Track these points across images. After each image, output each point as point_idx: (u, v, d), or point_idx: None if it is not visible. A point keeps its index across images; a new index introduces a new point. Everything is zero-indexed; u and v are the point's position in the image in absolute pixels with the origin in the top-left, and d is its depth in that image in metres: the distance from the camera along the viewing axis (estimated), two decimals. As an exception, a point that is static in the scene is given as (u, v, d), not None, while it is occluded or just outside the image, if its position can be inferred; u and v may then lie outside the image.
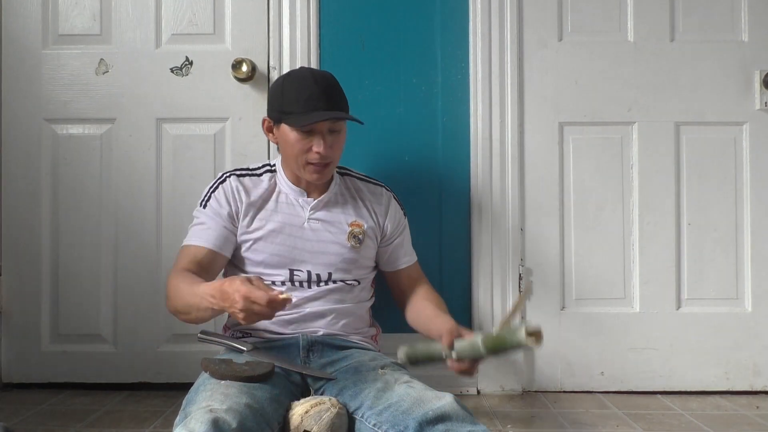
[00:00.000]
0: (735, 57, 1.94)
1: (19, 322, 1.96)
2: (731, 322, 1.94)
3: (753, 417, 1.72)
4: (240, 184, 1.49)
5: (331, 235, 1.48)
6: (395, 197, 1.62)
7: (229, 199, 1.47)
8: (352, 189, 1.56)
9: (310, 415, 1.17)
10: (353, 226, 1.50)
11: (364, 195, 1.56)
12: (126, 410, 1.76)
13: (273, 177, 1.53)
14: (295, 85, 1.44)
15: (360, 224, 1.51)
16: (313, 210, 1.49)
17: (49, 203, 1.95)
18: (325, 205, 1.51)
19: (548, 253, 1.95)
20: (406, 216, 1.63)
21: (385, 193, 1.59)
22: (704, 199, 1.95)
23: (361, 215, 1.53)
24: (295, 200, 1.50)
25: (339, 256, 1.48)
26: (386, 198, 1.58)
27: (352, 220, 1.51)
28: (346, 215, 1.51)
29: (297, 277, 1.46)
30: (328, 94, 1.43)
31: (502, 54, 1.93)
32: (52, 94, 1.95)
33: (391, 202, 1.59)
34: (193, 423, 1.02)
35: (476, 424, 1.10)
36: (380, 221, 1.55)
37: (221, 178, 1.51)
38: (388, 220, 1.56)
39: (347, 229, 1.49)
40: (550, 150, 1.95)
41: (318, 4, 1.93)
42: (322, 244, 1.47)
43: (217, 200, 1.48)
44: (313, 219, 1.49)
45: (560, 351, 1.94)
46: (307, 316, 1.45)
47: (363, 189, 1.57)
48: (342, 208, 1.52)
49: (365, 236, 1.51)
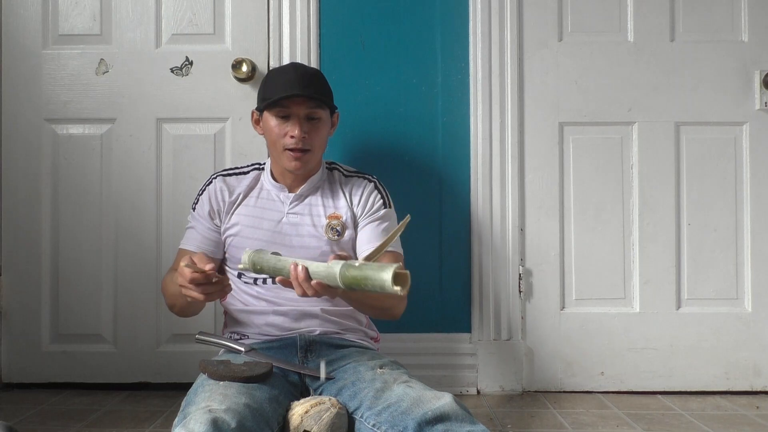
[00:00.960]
0: (735, 57, 1.94)
1: (19, 322, 1.96)
2: (731, 322, 1.94)
3: (753, 417, 1.72)
4: (224, 185, 1.53)
5: (310, 228, 1.48)
6: (379, 186, 1.55)
7: (212, 201, 1.52)
8: (336, 182, 1.55)
9: (310, 415, 1.17)
10: (331, 218, 1.50)
11: (346, 186, 1.55)
12: (126, 410, 1.76)
13: (259, 174, 1.55)
14: (275, 74, 1.51)
15: (338, 215, 1.50)
16: (293, 204, 1.50)
17: (49, 203, 1.96)
18: (304, 198, 1.51)
19: (548, 253, 1.95)
20: (387, 207, 1.54)
21: (368, 182, 1.55)
22: (704, 199, 1.95)
23: (339, 206, 1.51)
24: (276, 196, 1.51)
25: (317, 250, 1.47)
26: (365, 185, 1.54)
27: (330, 212, 1.50)
28: (325, 207, 1.51)
29: None
30: (305, 80, 1.46)
31: (502, 54, 1.93)
32: (52, 94, 1.96)
33: (369, 188, 1.54)
34: (192, 423, 1.02)
35: (476, 424, 1.10)
36: (356, 209, 1.52)
37: (208, 181, 1.56)
38: (359, 204, 1.52)
39: (324, 222, 1.49)
40: (550, 150, 1.95)
41: (318, 4, 1.93)
42: (300, 238, 1.48)
43: (202, 203, 1.53)
44: (291, 213, 1.49)
45: (560, 351, 1.94)
46: (298, 316, 1.44)
47: (346, 181, 1.56)
48: (321, 200, 1.52)
49: (344, 228, 1.50)
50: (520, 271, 1.93)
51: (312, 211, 1.50)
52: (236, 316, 1.50)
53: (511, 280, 1.93)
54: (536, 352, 1.94)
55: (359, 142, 1.93)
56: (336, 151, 1.88)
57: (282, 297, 1.44)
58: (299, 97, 1.43)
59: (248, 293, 1.47)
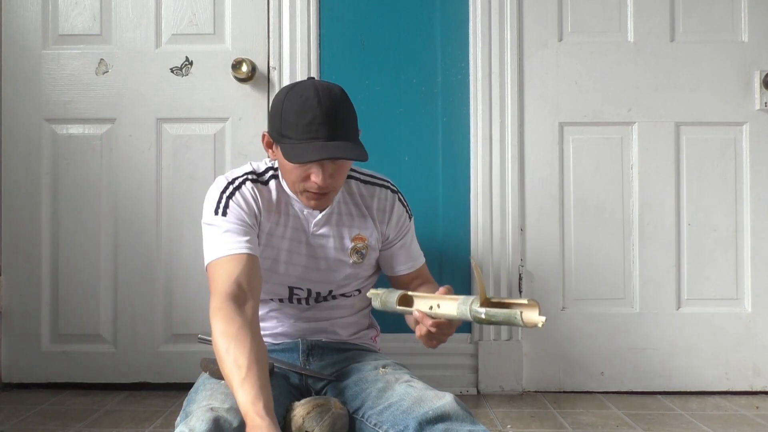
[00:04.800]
0: (735, 57, 1.94)
1: (19, 322, 1.96)
2: (731, 323, 1.94)
3: (753, 417, 1.72)
4: (257, 192, 1.33)
5: (334, 252, 1.38)
6: (401, 198, 1.48)
7: (251, 204, 1.31)
8: (357, 195, 1.42)
9: (311, 416, 1.16)
10: (356, 241, 1.40)
11: (369, 201, 1.42)
12: (126, 410, 1.76)
13: (277, 183, 1.37)
14: (295, 106, 1.24)
15: (363, 237, 1.40)
16: (317, 226, 1.37)
17: (49, 203, 1.96)
18: (329, 219, 1.38)
19: (548, 253, 1.95)
20: (411, 218, 1.50)
21: (390, 195, 1.45)
22: (704, 199, 1.95)
23: (365, 226, 1.41)
24: (300, 211, 1.36)
25: (341, 273, 1.40)
26: (390, 201, 1.44)
27: (355, 234, 1.40)
28: (350, 228, 1.39)
29: (296, 296, 1.40)
30: (331, 121, 1.22)
31: (502, 54, 1.93)
32: (52, 94, 1.95)
33: (396, 205, 1.45)
34: (194, 422, 1.02)
35: (476, 424, 1.10)
36: (383, 228, 1.44)
37: (235, 183, 1.33)
38: (389, 226, 1.43)
39: (350, 245, 1.39)
40: (550, 150, 1.95)
41: (318, 4, 1.93)
42: (324, 261, 1.38)
43: (239, 205, 1.30)
44: (317, 235, 1.38)
45: (560, 351, 1.94)
46: (306, 331, 1.42)
47: (367, 194, 1.43)
48: (346, 220, 1.39)
49: (368, 249, 1.41)
50: (520, 271, 1.93)
51: (336, 232, 1.38)
52: None
53: (511, 280, 1.93)
54: (536, 352, 1.94)
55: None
56: (336, 151, 1.88)
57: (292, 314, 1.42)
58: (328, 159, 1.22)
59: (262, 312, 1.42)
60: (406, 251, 1.48)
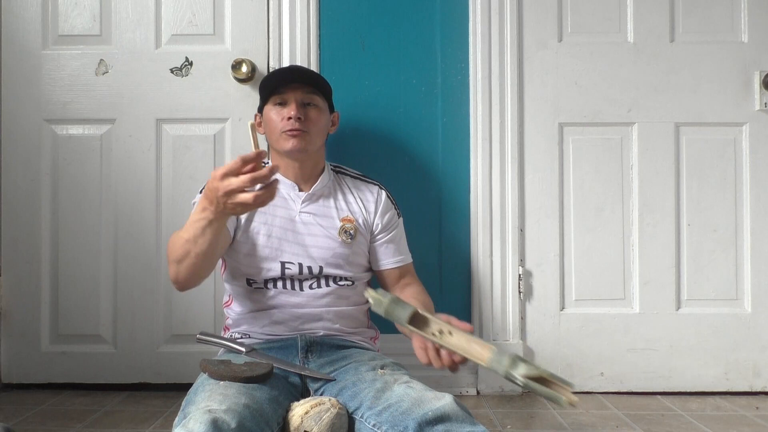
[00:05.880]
0: (735, 57, 1.94)
1: (19, 322, 1.96)
2: (731, 323, 1.94)
3: (753, 418, 1.72)
4: None
5: (323, 229, 1.48)
6: (389, 195, 1.60)
7: None
8: (345, 185, 1.57)
9: (310, 416, 1.16)
10: (344, 221, 1.50)
11: (356, 191, 1.57)
12: (126, 411, 1.76)
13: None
14: (273, 72, 1.58)
15: (351, 219, 1.51)
16: (305, 203, 1.50)
17: (49, 203, 1.96)
18: (317, 199, 1.51)
19: (548, 253, 1.95)
20: (400, 216, 1.61)
21: (378, 190, 1.59)
22: (704, 200, 1.95)
23: (353, 210, 1.53)
24: (287, 194, 1.50)
25: (330, 251, 1.47)
26: (377, 194, 1.58)
27: (343, 215, 1.51)
28: (338, 210, 1.52)
29: (288, 271, 1.45)
30: (299, 70, 1.58)
31: (502, 54, 1.93)
32: (51, 94, 1.96)
33: (383, 198, 1.58)
34: (192, 423, 1.02)
35: (476, 425, 1.10)
36: (370, 218, 1.55)
37: None
38: (377, 216, 1.55)
39: (338, 224, 1.50)
40: (550, 150, 1.95)
41: (318, 4, 1.93)
42: (313, 237, 1.47)
43: None
44: (304, 212, 1.49)
45: (560, 351, 1.94)
46: (305, 318, 1.45)
47: (355, 186, 1.58)
48: (334, 203, 1.52)
49: (357, 232, 1.51)
50: (520, 271, 1.93)
51: (325, 212, 1.51)
52: (242, 318, 1.49)
53: (511, 280, 1.93)
54: (536, 353, 1.94)
55: (359, 142, 1.93)
56: (336, 152, 1.88)
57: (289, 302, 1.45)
58: (295, 82, 1.49)
59: (255, 298, 1.47)
60: (395, 246, 1.57)
